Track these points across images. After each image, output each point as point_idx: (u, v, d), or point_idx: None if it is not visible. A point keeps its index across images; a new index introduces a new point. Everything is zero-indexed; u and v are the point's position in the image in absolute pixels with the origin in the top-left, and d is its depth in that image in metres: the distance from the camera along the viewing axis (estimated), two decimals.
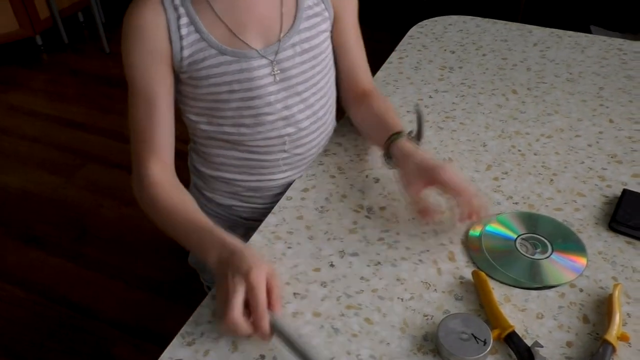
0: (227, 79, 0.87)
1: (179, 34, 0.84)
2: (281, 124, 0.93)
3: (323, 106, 0.99)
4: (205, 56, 0.85)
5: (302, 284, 0.78)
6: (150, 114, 0.87)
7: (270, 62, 0.88)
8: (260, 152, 0.95)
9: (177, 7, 0.84)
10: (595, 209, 0.87)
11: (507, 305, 0.74)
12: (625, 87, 1.15)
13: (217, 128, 0.93)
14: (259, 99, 0.90)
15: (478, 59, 1.27)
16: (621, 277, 0.77)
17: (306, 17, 0.90)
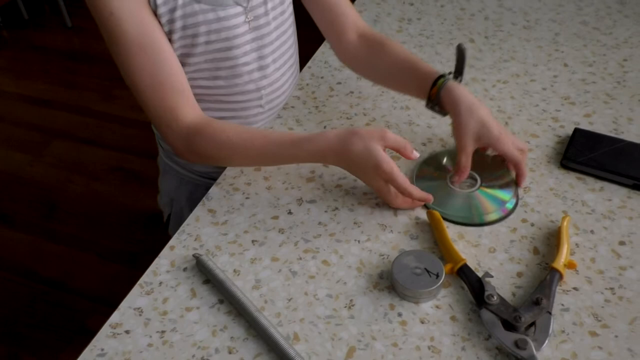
0: (204, 29, 0.82)
1: None
2: (257, 76, 0.91)
3: (291, 55, 0.98)
4: (178, 4, 0.80)
5: (260, 232, 0.78)
6: (157, 60, 0.79)
7: (244, 9, 0.85)
8: (237, 108, 0.94)
9: None
10: (548, 148, 0.89)
11: (460, 242, 0.75)
12: (580, 32, 1.16)
13: (191, 83, 0.87)
14: (236, 49, 0.87)
15: (436, 10, 1.27)
16: (571, 210, 0.79)
17: None
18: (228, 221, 0.80)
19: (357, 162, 0.74)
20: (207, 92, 0.91)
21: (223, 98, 0.92)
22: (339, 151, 0.75)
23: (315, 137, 0.77)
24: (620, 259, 0.72)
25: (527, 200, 0.80)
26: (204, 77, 0.89)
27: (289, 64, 0.98)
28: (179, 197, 1.08)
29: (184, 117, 0.81)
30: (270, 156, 0.80)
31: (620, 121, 0.93)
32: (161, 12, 0.80)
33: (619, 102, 0.97)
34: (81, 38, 3.12)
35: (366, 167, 0.74)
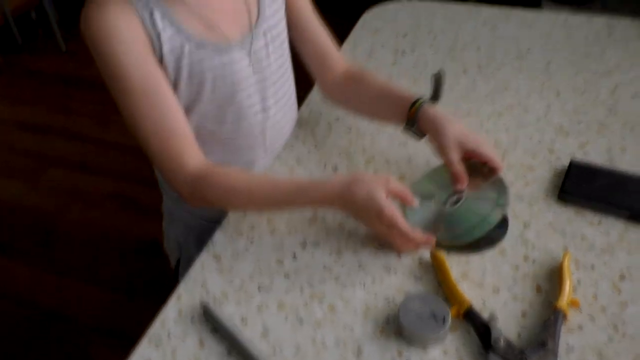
0: (210, 75, 0.84)
1: (155, 29, 0.78)
2: (261, 117, 0.93)
3: (291, 94, 1.00)
4: (184, 52, 0.81)
5: (265, 277, 0.79)
6: (162, 109, 0.80)
7: (248, 53, 0.87)
8: (242, 151, 0.95)
9: (147, 3, 0.78)
10: (545, 181, 0.91)
11: (464, 282, 0.76)
12: (571, 60, 1.18)
13: (196, 129, 0.87)
14: (241, 92, 0.88)
15: (429, 41, 1.29)
16: (571, 245, 0.80)
17: (268, 4, 0.89)
18: (233, 267, 0.81)
19: (360, 208, 0.75)
20: (214, 135, 0.92)
21: (229, 141, 0.93)
22: (343, 197, 0.76)
23: (321, 184, 0.78)
24: (621, 295, 0.73)
25: (527, 236, 0.82)
26: (211, 122, 0.90)
27: (289, 104, 0.99)
28: (187, 242, 1.08)
29: (188, 163, 0.81)
30: (275, 202, 0.81)
31: (613, 151, 0.95)
32: (167, 60, 0.81)
33: (611, 130, 0.99)
34: (76, 62, 3.13)
35: (369, 213, 0.75)
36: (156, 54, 0.80)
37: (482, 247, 0.81)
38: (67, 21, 3.37)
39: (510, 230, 0.83)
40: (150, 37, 0.78)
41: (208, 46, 0.83)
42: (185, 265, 1.10)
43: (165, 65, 0.81)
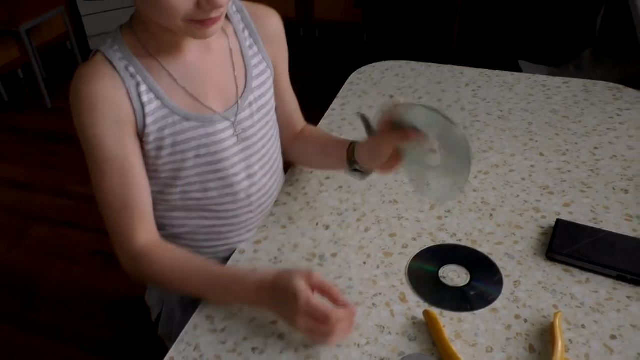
0: (193, 145, 0.87)
1: (140, 101, 0.81)
2: (246, 184, 0.95)
3: (277, 159, 1.02)
4: (168, 123, 0.84)
5: (260, 338, 0.79)
6: (126, 183, 0.83)
7: (232, 124, 0.90)
8: (228, 216, 0.96)
9: (134, 74, 0.82)
10: (533, 240, 0.93)
11: (458, 342, 0.77)
12: (551, 121, 1.23)
13: (182, 196, 0.91)
14: (225, 161, 0.91)
15: (415, 102, 1.33)
16: (561, 304, 0.81)
17: (255, 76, 0.93)
18: (226, 328, 0.80)
19: (280, 296, 0.75)
20: (200, 203, 0.93)
21: (215, 207, 0.95)
22: (268, 289, 0.77)
23: (251, 275, 0.80)
24: (613, 355, 0.74)
25: (518, 295, 0.83)
26: (196, 190, 0.92)
27: (275, 168, 1.02)
28: (169, 297, 1.07)
29: (136, 240, 0.85)
30: (200, 290, 0.84)
31: (597, 210, 0.98)
32: (150, 130, 0.84)
33: (594, 190, 1.02)
34: (61, 119, 3.14)
35: (287, 300, 0.74)
36: (139, 124, 0.83)
37: (476, 306, 0.81)
38: (54, 79, 3.40)
39: (502, 289, 0.84)
40: (134, 109, 0.82)
41: (192, 118, 0.86)
42: (166, 319, 1.09)
43: (148, 135, 0.84)
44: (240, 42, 0.92)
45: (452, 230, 0.96)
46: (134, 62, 0.82)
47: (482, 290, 0.84)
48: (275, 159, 1.01)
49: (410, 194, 1.04)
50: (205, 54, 0.88)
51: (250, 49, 0.93)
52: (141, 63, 0.83)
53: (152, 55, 0.83)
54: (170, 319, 1.08)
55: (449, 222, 0.98)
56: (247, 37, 0.93)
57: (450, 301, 0.83)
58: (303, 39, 3.86)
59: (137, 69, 0.82)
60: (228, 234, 0.99)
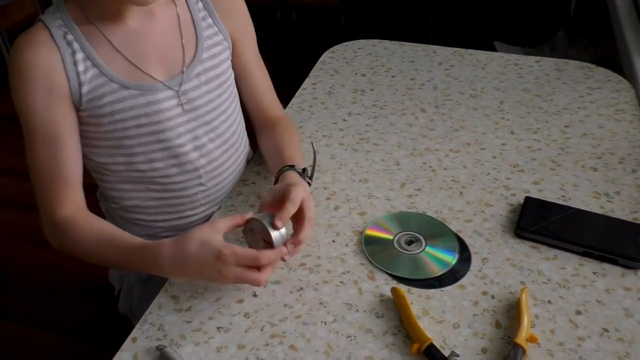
0: (134, 113, 0.85)
1: (75, 70, 0.81)
2: (194, 156, 0.93)
3: (233, 133, 0.99)
4: (106, 91, 0.83)
5: (225, 317, 0.77)
6: (54, 156, 0.83)
7: (176, 93, 0.88)
8: (176, 189, 0.94)
9: (71, 42, 0.81)
10: (502, 217, 0.93)
11: (425, 319, 0.76)
12: (523, 99, 1.23)
13: (127, 167, 0.90)
14: (169, 131, 0.89)
15: (388, 81, 1.32)
16: (528, 280, 0.81)
17: (207, 47, 0.91)
18: (192, 307, 0.79)
19: (196, 261, 0.73)
20: (145, 174, 0.92)
21: (161, 180, 0.93)
22: (174, 258, 0.74)
23: (151, 245, 0.77)
24: (578, 329, 0.74)
25: (486, 272, 0.83)
26: (140, 161, 0.90)
27: (232, 142, 0.99)
28: (127, 274, 1.06)
29: (58, 210, 0.84)
30: (112, 262, 0.85)
31: (566, 187, 0.98)
32: (86, 99, 0.82)
33: (564, 168, 1.02)
34: None
35: (207, 261, 0.72)
36: (74, 93, 0.82)
37: (445, 282, 0.81)
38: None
39: (470, 265, 0.84)
40: (68, 78, 0.81)
41: (131, 86, 0.84)
42: (126, 296, 1.08)
43: (84, 103, 0.83)
44: (192, 12, 0.91)
45: (422, 207, 0.95)
46: (74, 29, 0.81)
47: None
48: (232, 133, 0.99)
49: (381, 172, 1.03)
50: (149, 22, 0.86)
51: (203, 20, 0.92)
52: (81, 30, 0.81)
53: (92, 22, 0.82)
54: (129, 295, 1.07)
55: (419, 199, 0.97)
56: (200, 8, 0.92)
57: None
58: (280, 22, 3.81)
59: (76, 36, 0.81)
60: (179, 206, 0.97)
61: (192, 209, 0.97)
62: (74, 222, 0.84)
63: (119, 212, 0.99)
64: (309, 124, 1.18)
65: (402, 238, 0.89)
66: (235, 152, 1.00)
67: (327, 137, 1.14)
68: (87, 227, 0.84)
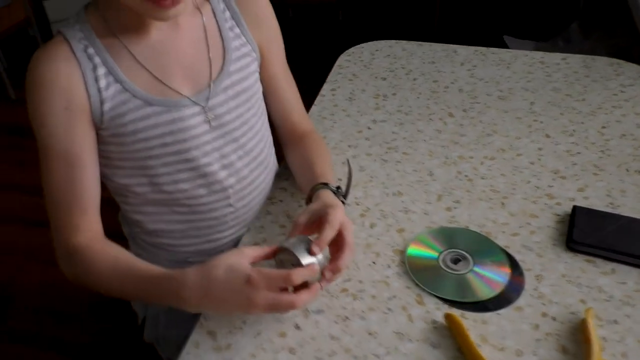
0: (158, 132, 0.79)
1: (97, 86, 0.75)
2: (223, 175, 0.87)
3: (262, 150, 0.93)
4: (129, 108, 0.77)
5: (269, 354, 0.72)
6: (72, 178, 0.78)
7: (203, 109, 0.82)
8: (204, 210, 0.88)
9: (92, 56, 0.75)
10: (550, 229, 0.87)
11: (485, 346, 0.71)
12: (554, 100, 1.18)
13: (151, 188, 0.85)
14: (195, 150, 0.83)
15: (410, 84, 1.26)
16: (589, 298, 0.76)
17: (235, 59, 0.85)
18: (232, 344, 0.73)
19: (224, 288, 0.67)
20: (171, 196, 0.86)
21: (188, 202, 0.87)
22: (200, 287, 0.67)
23: (173, 275, 0.70)
24: None
25: (542, 291, 0.78)
26: (165, 182, 0.84)
27: (261, 159, 0.93)
28: None
29: (72, 237, 0.78)
30: (131, 294, 0.79)
31: (614, 194, 0.93)
32: (108, 117, 0.77)
33: (608, 173, 0.97)
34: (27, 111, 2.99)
35: (236, 287, 0.66)
36: (94, 111, 0.76)
37: (500, 304, 0.76)
38: (16, 68, 3.23)
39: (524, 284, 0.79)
40: (89, 95, 0.75)
41: (155, 102, 0.78)
42: (151, 323, 1.03)
43: (106, 121, 0.77)
44: (219, 22, 0.85)
45: (463, 221, 0.90)
46: (95, 42, 0.75)
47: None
48: (261, 150, 0.93)
49: (415, 183, 0.98)
50: (174, 33, 0.80)
51: (231, 31, 0.85)
52: (102, 43, 0.76)
53: (114, 35, 0.77)
54: (155, 323, 1.01)
55: (459, 212, 0.91)
56: (228, 18, 0.86)
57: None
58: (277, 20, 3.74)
59: (97, 50, 0.75)
60: (206, 229, 0.91)
61: (221, 232, 0.91)
62: (89, 251, 0.78)
63: (142, 236, 0.93)
64: (332, 134, 1.12)
65: (448, 256, 0.83)
66: (265, 170, 0.94)
67: (353, 147, 1.08)
68: (103, 256, 0.77)
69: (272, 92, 0.95)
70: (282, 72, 0.95)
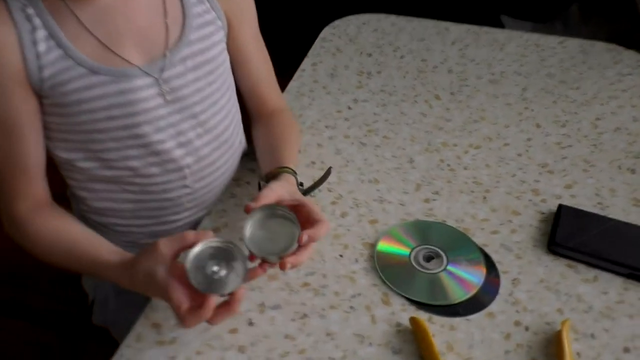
0: (104, 104, 0.72)
1: (35, 50, 0.67)
2: (178, 154, 0.79)
3: (227, 128, 0.86)
4: (72, 77, 0.70)
5: (216, 352, 0.66)
6: (11, 147, 0.72)
7: (157, 81, 0.74)
8: (156, 190, 0.81)
9: (31, 17, 0.67)
10: (532, 228, 0.81)
11: (450, 356, 0.65)
12: (547, 86, 1.11)
13: (98, 164, 0.77)
14: (147, 125, 0.75)
15: (397, 62, 1.18)
16: (566, 308, 0.71)
17: (196, 27, 0.77)
18: (177, 339, 0.67)
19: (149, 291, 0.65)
20: (121, 173, 0.78)
21: (138, 180, 0.80)
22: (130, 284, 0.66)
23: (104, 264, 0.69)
24: None
25: (517, 296, 0.72)
26: (114, 158, 0.77)
27: (224, 137, 0.85)
28: (102, 283, 0.94)
29: (17, 204, 0.75)
30: (73, 270, 0.76)
31: (603, 193, 0.87)
32: (49, 84, 0.69)
33: (598, 169, 0.91)
34: None
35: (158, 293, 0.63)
36: (32, 77, 0.69)
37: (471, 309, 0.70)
38: None
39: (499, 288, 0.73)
40: (25, 59, 0.68)
41: (102, 71, 0.71)
42: (99, 306, 0.98)
43: (47, 89, 0.70)
44: None
45: (441, 215, 0.84)
46: (36, 2, 0.68)
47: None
48: (225, 128, 0.85)
49: (393, 171, 0.91)
50: None
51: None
52: (45, 5, 0.68)
53: None
54: (104, 306, 0.96)
55: (437, 205, 0.85)
56: None
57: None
58: None
59: (38, 11, 0.68)
60: (160, 210, 0.84)
61: (176, 214, 0.85)
62: (30, 223, 0.75)
63: (89, 215, 0.86)
64: (309, 112, 1.05)
65: (420, 253, 0.77)
66: (229, 150, 0.87)
67: (331, 128, 1.01)
68: (45, 229, 0.75)
69: (240, 64, 0.87)
70: (253, 43, 0.87)
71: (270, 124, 0.88)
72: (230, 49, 0.84)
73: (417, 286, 0.73)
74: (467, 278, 0.74)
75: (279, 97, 0.93)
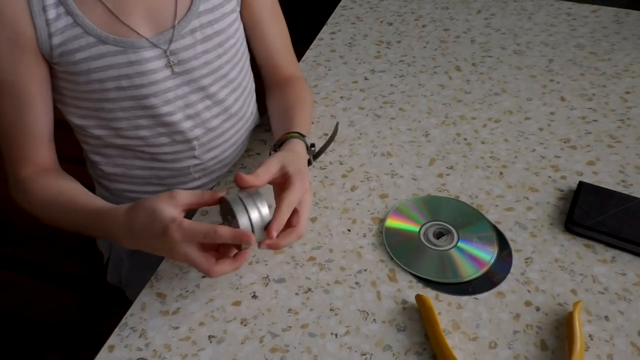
0: (113, 74, 0.71)
1: (44, 16, 0.67)
2: (187, 125, 0.79)
3: (237, 100, 0.84)
4: (81, 45, 0.69)
5: (219, 323, 0.66)
6: (19, 112, 0.72)
7: (164, 52, 0.73)
8: (166, 159, 0.81)
9: None
10: (550, 206, 0.78)
11: (455, 334, 0.64)
12: (576, 58, 1.05)
13: (110, 132, 0.78)
14: (154, 97, 0.75)
15: (418, 31, 1.14)
16: (580, 289, 0.68)
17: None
18: (180, 309, 0.67)
19: (145, 234, 0.61)
20: (131, 142, 0.78)
21: (148, 149, 0.80)
22: (127, 228, 0.63)
23: (108, 211, 0.67)
24: None
25: (529, 276, 0.70)
26: (124, 127, 0.77)
27: (234, 109, 0.84)
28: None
29: (23, 168, 0.76)
30: (72, 228, 0.73)
31: (627, 170, 0.83)
32: (56, 53, 0.69)
33: (624, 145, 0.87)
34: None
35: (155, 234, 0.59)
36: (42, 45, 0.68)
37: (480, 288, 0.68)
38: None
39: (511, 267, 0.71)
40: (35, 26, 0.67)
41: (110, 41, 0.70)
42: (114, 265, 0.99)
43: (56, 56, 0.69)
44: None
45: (454, 191, 0.81)
46: None
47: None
48: (235, 100, 0.84)
49: (407, 144, 0.89)
50: None
51: None
52: None
53: None
54: (118, 265, 0.97)
55: (451, 180, 0.83)
56: None
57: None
58: None
59: None
60: (169, 179, 0.84)
61: (185, 183, 0.84)
62: (33, 183, 0.75)
63: (104, 181, 0.87)
64: (325, 82, 1.02)
65: (431, 229, 0.75)
66: (239, 122, 0.86)
67: (346, 99, 0.98)
68: (47, 187, 0.74)
69: (255, 33, 0.85)
70: (268, 10, 0.85)
71: (284, 91, 0.86)
72: (244, 18, 0.82)
73: (425, 263, 0.71)
74: (478, 255, 0.72)
75: (295, 66, 0.91)
